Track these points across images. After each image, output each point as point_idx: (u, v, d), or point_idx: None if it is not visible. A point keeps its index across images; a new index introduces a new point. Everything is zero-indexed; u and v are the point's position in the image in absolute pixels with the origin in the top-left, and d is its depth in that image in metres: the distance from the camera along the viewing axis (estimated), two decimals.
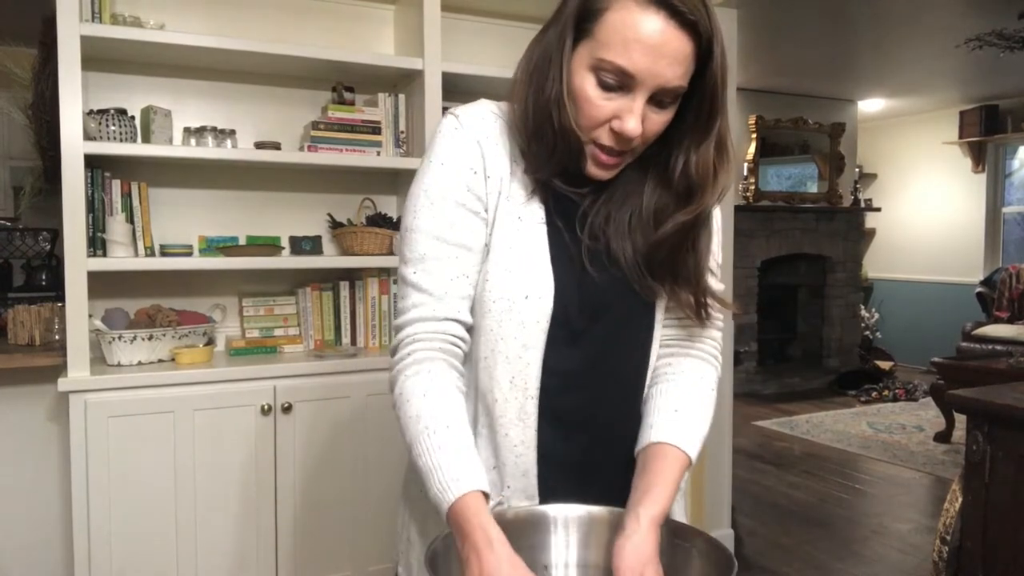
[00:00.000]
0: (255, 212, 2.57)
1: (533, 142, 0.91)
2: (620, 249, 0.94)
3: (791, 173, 6.38)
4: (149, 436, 2.07)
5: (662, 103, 0.86)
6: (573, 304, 0.93)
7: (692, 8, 0.81)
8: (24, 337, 2.33)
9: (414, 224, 0.93)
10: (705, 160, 0.89)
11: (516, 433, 0.93)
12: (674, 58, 0.82)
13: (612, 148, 0.88)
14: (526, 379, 0.92)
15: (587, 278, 0.93)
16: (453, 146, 0.94)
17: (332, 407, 2.28)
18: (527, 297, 0.91)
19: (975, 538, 1.78)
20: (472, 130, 0.94)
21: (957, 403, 1.87)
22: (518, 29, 2.89)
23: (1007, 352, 4.95)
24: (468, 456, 0.84)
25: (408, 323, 0.92)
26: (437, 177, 0.93)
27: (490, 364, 0.93)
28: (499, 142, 0.94)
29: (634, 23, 0.81)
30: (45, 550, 2.36)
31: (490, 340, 0.92)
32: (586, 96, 0.86)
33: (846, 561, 3.01)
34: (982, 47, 4.59)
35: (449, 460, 0.83)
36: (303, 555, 2.27)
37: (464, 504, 0.80)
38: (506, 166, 0.94)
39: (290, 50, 2.33)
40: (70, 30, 2.01)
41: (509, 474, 0.94)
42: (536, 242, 0.93)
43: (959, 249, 6.81)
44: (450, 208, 0.92)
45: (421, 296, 0.91)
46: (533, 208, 0.94)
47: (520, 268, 0.92)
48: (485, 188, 0.93)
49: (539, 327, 0.92)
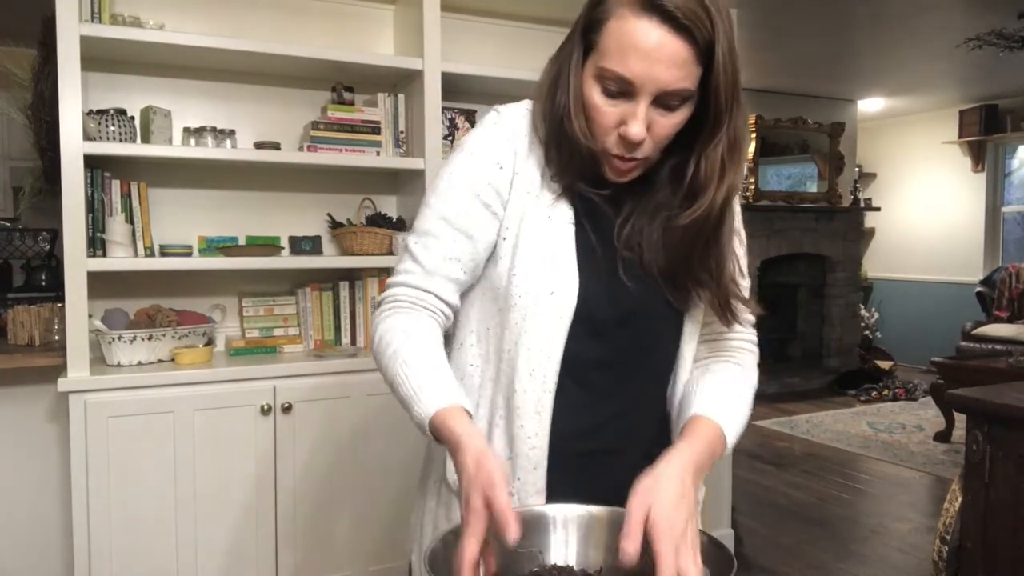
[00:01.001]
0: (255, 212, 2.57)
1: (552, 149, 0.95)
2: (653, 260, 0.97)
3: (791, 173, 6.38)
4: (149, 436, 2.07)
5: (669, 106, 0.87)
6: (600, 305, 0.95)
7: (687, 13, 0.82)
8: (24, 337, 2.33)
9: (430, 201, 0.99)
10: (713, 161, 0.91)
11: (531, 425, 0.95)
12: (671, 62, 0.83)
13: (623, 155, 0.90)
14: (545, 372, 0.94)
15: (618, 283, 0.96)
16: (487, 139, 0.98)
17: (332, 407, 2.28)
18: (552, 293, 0.94)
19: (975, 538, 1.78)
20: (510, 127, 0.98)
21: (957, 403, 1.87)
22: (518, 29, 2.89)
23: (1007, 352, 4.95)
24: (447, 379, 0.88)
25: (395, 284, 0.98)
26: (463, 165, 0.98)
27: (513, 356, 0.95)
28: (536, 141, 0.98)
29: (630, 31, 0.84)
30: (45, 550, 2.36)
31: (514, 333, 0.95)
32: (593, 104, 0.89)
33: (846, 561, 3.01)
34: (982, 47, 4.59)
35: (429, 383, 0.87)
36: (303, 555, 2.27)
37: (436, 418, 0.84)
38: (540, 166, 0.98)
39: (290, 50, 2.33)
40: (70, 30, 2.01)
41: (520, 466, 0.96)
42: (563, 241, 0.96)
43: (959, 249, 6.81)
44: (465, 196, 0.97)
45: (414, 265, 0.97)
46: (562, 208, 0.97)
47: (547, 265, 0.94)
48: (510, 186, 0.97)
49: (562, 323, 0.94)
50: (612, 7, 0.85)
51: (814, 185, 6.49)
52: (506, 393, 0.96)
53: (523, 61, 2.78)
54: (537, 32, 2.90)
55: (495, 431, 0.97)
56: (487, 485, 0.76)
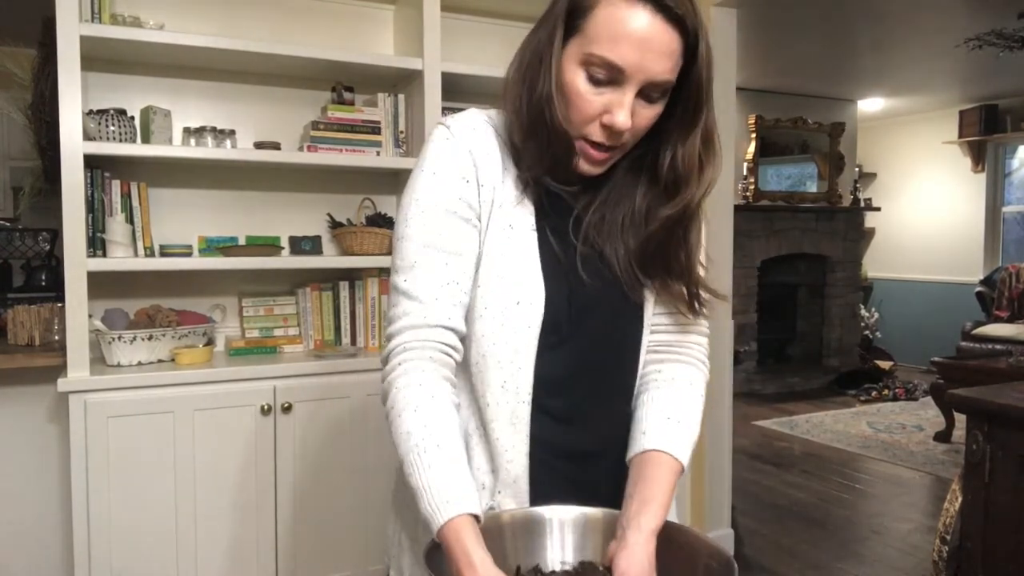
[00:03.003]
0: (255, 212, 2.57)
1: (528, 139, 0.92)
2: (613, 252, 0.96)
3: (791, 173, 6.38)
4: (149, 436, 2.07)
5: (650, 97, 0.87)
6: (563, 309, 0.93)
7: (679, 3, 0.82)
8: (24, 337, 2.33)
9: (405, 232, 0.93)
10: (691, 153, 0.90)
11: (507, 438, 0.93)
12: (662, 52, 0.83)
13: (602, 144, 0.89)
14: (518, 384, 0.93)
15: (577, 283, 0.94)
16: (444, 156, 0.93)
17: (332, 407, 2.28)
18: (519, 303, 0.92)
19: (975, 538, 1.78)
20: (463, 139, 0.94)
21: (957, 403, 1.87)
22: (518, 29, 2.88)
23: (1007, 351, 4.95)
24: (458, 476, 0.83)
25: (398, 332, 0.91)
26: (428, 186, 0.93)
27: (481, 369, 0.93)
28: (490, 150, 0.95)
29: (622, 18, 0.83)
30: (45, 550, 2.36)
31: (482, 346, 0.93)
32: (577, 91, 0.87)
33: (846, 561, 3.01)
34: (981, 47, 4.59)
35: (439, 481, 0.82)
36: (303, 555, 2.27)
37: (451, 528, 0.80)
38: (498, 174, 0.95)
39: (290, 50, 2.33)
40: (70, 30, 2.01)
41: (500, 480, 0.94)
42: (527, 249, 0.93)
43: (959, 249, 6.81)
44: (440, 216, 0.92)
45: (411, 303, 0.91)
46: (524, 214, 0.95)
47: (511, 275, 0.92)
48: (478, 197, 0.93)
49: (530, 332, 0.92)
50: None
51: (814, 185, 6.49)
52: (478, 407, 0.94)
53: None
54: None
55: (473, 446, 0.95)
56: None
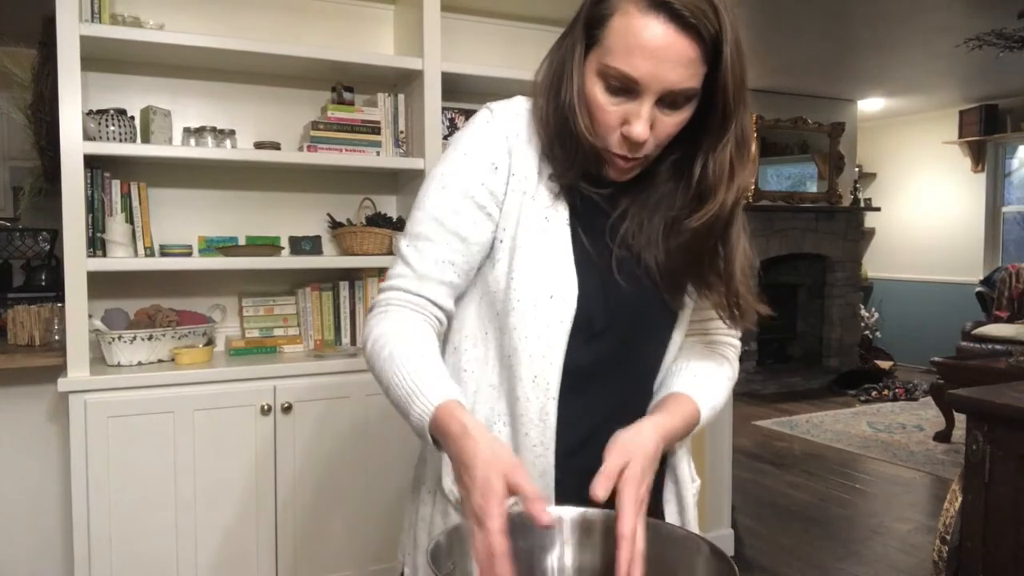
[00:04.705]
0: (255, 212, 2.57)
1: (555, 146, 0.92)
2: (652, 258, 0.95)
3: (791, 173, 6.39)
4: (149, 436, 2.07)
5: (675, 104, 0.86)
6: (596, 306, 0.93)
7: (694, 11, 0.80)
8: (24, 337, 2.33)
9: (422, 203, 0.96)
10: (722, 161, 0.89)
11: (536, 433, 0.93)
12: (677, 61, 0.82)
13: (624, 155, 0.89)
14: (548, 379, 0.93)
15: (613, 283, 0.94)
16: (480, 139, 0.95)
17: (332, 407, 2.28)
18: (552, 297, 0.92)
19: (975, 538, 1.78)
20: (503, 126, 0.95)
21: (957, 403, 1.87)
22: (518, 29, 2.89)
23: (1007, 351, 4.94)
24: (443, 376, 0.86)
25: (388, 288, 0.96)
26: (456, 165, 0.95)
27: (513, 362, 0.93)
28: (530, 140, 0.95)
29: (636, 29, 0.81)
30: (45, 550, 2.36)
31: (514, 338, 0.93)
32: (596, 102, 0.87)
33: (846, 561, 3.01)
34: (981, 47, 4.59)
35: (427, 380, 0.85)
36: (303, 555, 2.27)
37: (441, 411, 0.81)
38: (535, 165, 0.95)
39: (290, 50, 2.33)
40: (70, 30, 2.01)
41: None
42: (561, 243, 0.93)
43: (959, 249, 6.81)
44: (457, 198, 0.94)
45: (407, 269, 0.95)
46: (559, 209, 0.95)
47: (545, 268, 0.92)
48: (506, 186, 0.94)
49: (562, 327, 0.92)
50: (617, 2, 0.83)
51: (814, 185, 6.49)
52: (508, 400, 0.95)
53: (523, 61, 2.78)
54: (537, 32, 2.90)
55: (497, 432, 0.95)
56: (510, 469, 0.74)
